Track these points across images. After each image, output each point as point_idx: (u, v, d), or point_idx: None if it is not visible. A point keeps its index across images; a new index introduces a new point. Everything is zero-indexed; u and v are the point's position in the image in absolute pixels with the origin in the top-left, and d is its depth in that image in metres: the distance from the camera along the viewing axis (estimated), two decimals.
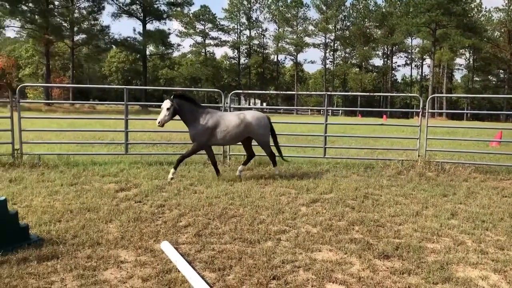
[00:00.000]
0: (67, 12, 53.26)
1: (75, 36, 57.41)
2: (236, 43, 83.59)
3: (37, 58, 64.15)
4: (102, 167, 9.53)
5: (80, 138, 14.60)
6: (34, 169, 9.10)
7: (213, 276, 4.28)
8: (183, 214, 6.30)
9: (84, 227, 5.59)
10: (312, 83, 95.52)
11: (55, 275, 4.23)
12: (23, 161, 9.55)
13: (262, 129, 8.94)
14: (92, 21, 58.79)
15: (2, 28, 51.09)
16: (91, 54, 64.74)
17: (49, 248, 4.87)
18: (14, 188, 7.59)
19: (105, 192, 7.44)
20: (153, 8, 63.42)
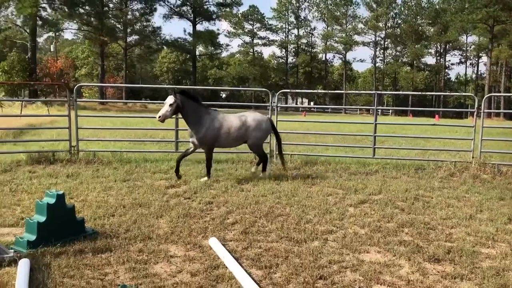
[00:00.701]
0: (121, 14, 55.16)
1: (128, 37, 59.38)
2: (284, 42, 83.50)
3: (93, 58, 66.78)
4: (153, 164, 9.82)
5: (133, 136, 15.09)
6: (89, 165, 9.51)
7: (259, 274, 4.33)
8: (231, 212, 6.38)
9: (136, 222, 5.79)
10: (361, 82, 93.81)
11: (108, 267, 4.41)
12: (79, 157, 9.99)
13: (258, 132, 8.67)
14: (144, 23, 60.52)
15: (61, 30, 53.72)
16: (143, 55, 66.73)
17: (103, 241, 5.08)
18: (71, 183, 7.97)
19: (156, 188, 7.67)
20: (203, 9, 64.48)
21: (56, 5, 47.38)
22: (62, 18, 49.06)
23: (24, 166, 9.35)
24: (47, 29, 51.57)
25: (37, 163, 9.53)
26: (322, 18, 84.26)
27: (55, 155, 9.92)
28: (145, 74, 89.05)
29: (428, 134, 16.71)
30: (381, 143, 14.29)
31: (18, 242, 4.82)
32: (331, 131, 16.59)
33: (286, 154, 10.82)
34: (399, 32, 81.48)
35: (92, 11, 49.35)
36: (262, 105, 28.27)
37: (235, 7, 71.32)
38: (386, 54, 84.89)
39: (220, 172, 9.30)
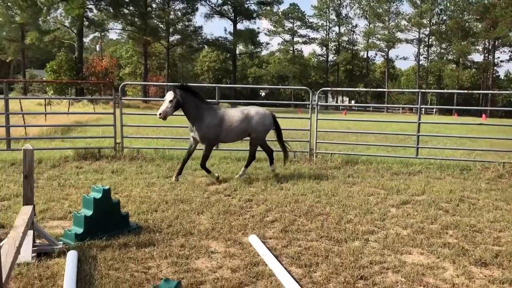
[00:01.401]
0: (164, 14, 56.28)
1: (170, 37, 60.55)
2: (325, 40, 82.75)
3: (136, 58, 68.43)
4: (194, 161, 9.95)
5: (174, 133, 15.35)
6: (133, 162, 9.77)
7: (299, 272, 4.32)
8: (270, 210, 6.40)
9: (178, 218, 5.91)
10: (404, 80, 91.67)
11: (151, 261, 4.53)
12: (124, 154, 10.27)
13: (261, 127, 8.50)
14: (186, 22, 61.56)
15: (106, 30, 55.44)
16: (185, 54, 67.82)
17: (147, 235, 5.22)
18: (116, 178, 8.21)
19: (197, 185, 7.79)
20: (244, 8, 64.84)
21: (102, 6, 48.93)
22: (108, 19, 50.66)
23: (72, 162, 9.70)
24: (93, 29, 53.41)
25: (84, 159, 9.87)
26: (364, 15, 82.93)
27: (100, 151, 10.25)
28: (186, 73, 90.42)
29: (474, 134, 16.14)
30: (424, 143, 13.93)
31: (66, 235, 5.02)
32: (373, 130, 16.32)
33: (326, 153, 10.75)
34: (444, 28, 79.02)
35: (136, 12, 50.63)
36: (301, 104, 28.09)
37: (275, 5, 71.28)
38: (430, 51, 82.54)
39: (259, 170, 9.34)
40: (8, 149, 10.06)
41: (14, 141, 10.76)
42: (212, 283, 4.03)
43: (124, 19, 50.71)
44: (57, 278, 4.03)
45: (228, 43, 64.91)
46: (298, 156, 10.56)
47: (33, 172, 4.66)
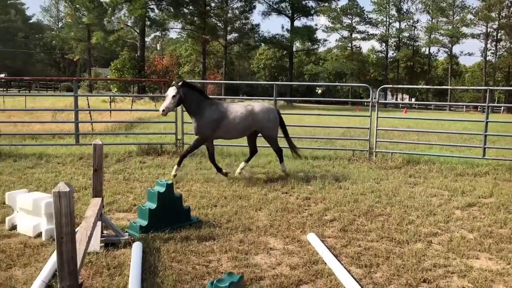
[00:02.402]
0: (222, 12, 57.07)
1: (228, 35, 61.26)
2: (384, 36, 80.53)
3: (195, 56, 69.87)
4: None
5: None
6: (193, 158, 9.99)
7: (359, 272, 4.26)
8: (328, 209, 6.35)
9: (237, 213, 5.99)
10: (468, 77, 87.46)
11: (212, 255, 4.63)
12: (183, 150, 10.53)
13: (270, 123, 8.29)
14: (244, 20, 62.01)
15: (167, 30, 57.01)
16: (242, 52, 68.40)
17: (207, 229, 5.34)
18: (177, 173, 8.44)
19: (255, 182, 7.86)
20: (301, 5, 64.39)
21: (163, 6, 50.35)
22: (168, 18, 52.05)
23: (135, 156, 10.09)
24: (155, 28, 55.05)
25: (147, 154, 10.23)
26: (426, 10, 79.77)
27: (162, 147, 10.58)
28: (243, 71, 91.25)
29: None
30: (491, 143, 13.24)
31: (131, 226, 5.24)
32: (435, 129, 15.73)
33: (386, 152, 10.48)
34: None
35: (195, 11, 51.70)
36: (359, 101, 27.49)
37: (334, 1, 70.25)
38: (499, 46, 78.01)
39: (317, 168, 9.28)
40: (76, 143, 10.62)
41: (81, 136, 11.34)
42: (272, 279, 4.06)
43: (184, 18, 51.90)
44: (123, 268, 4.21)
45: (285, 40, 64.73)
46: (357, 155, 10.37)
47: (102, 166, 4.91)
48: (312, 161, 9.94)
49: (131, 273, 3.97)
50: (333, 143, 12.69)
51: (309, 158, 10.24)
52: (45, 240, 4.90)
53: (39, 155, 9.77)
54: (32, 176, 7.94)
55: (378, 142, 10.65)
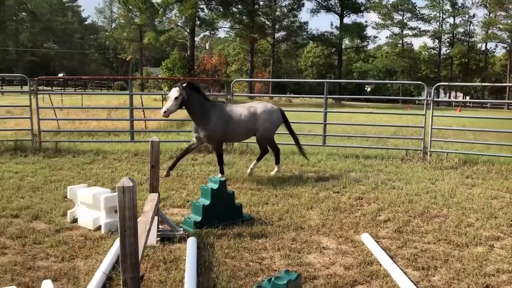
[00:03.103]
0: (270, 11, 57.23)
1: (276, 34, 61.37)
2: (437, 32, 77.83)
3: (242, 55, 70.43)
4: (301, 157, 9.97)
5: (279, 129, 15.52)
6: (242, 156, 10.08)
7: (416, 275, 4.14)
8: (382, 209, 6.22)
9: (288, 212, 5.98)
10: None
11: (265, 252, 4.65)
12: (234, 147, 10.64)
13: (268, 124, 7.93)
14: (292, 18, 61.87)
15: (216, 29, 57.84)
16: (289, 50, 68.28)
17: (259, 227, 5.36)
18: (227, 171, 8.54)
19: (305, 180, 7.82)
20: (351, 2, 63.34)
21: (212, 6, 51.11)
22: (217, 18, 52.81)
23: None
24: (204, 28, 56.05)
25: (198, 151, 10.40)
26: (483, 4, 76.29)
27: None
28: (290, 69, 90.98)
29: None
30: None
31: (186, 222, 5.35)
32: (493, 128, 15.03)
33: (441, 152, 10.14)
34: None
35: (244, 10, 52.14)
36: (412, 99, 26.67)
37: None
38: None
39: (368, 168, 9.11)
40: (131, 140, 10.97)
41: (136, 134, 11.70)
42: (326, 279, 4.02)
43: (233, 17, 52.47)
44: (179, 262, 4.30)
45: (334, 37, 63.98)
46: (411, 154, 10.09)
47: (158, 162, 5.03)
48: (364, 160, 9.77)
49: (186, 267, 4.05)
50: (385, 142, 12.42)
51: (360, 157, 10.07)
52: (104, 233, 5.09)
53: (96, 151, 10.16)
54: (90, 172, 8.27)
55: (433, 142, 10.30)
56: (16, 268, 4.12)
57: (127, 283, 2.86)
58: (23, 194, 6.58)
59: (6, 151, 9.78)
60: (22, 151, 9.78)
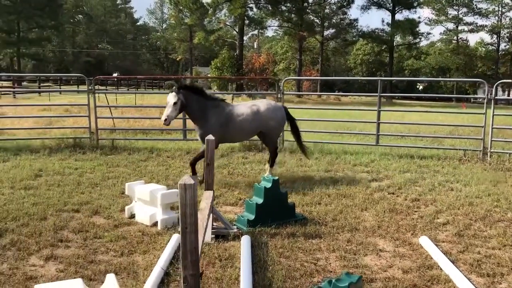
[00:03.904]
0: (319, 8, 56.63)
1: (325, 31, 60.65)
2: (496, 27, 74.20)
3: (290, 53, 70.19)
4: (353, 156, 9.83)
5: (329, 127, 15.35)
6: (293, 155, 10.02)
7: (481, 281, 3.96)
8: (440, 211, 5.99)
9: (342, 212, 5.88)
10: None
11: (319, 253, 4.59)
12: (284, 146, 10.60)
13: (274, 122, 7.57)
14: (341, 15, 60.95)
15: (265, 28, 57.92)
16: (338, 48, 67.33)
17: (312, 227, 5.31)
18: (278, 170, 8.51)
19: (358, 181, 7.66)
20: None
21: (261, 4, 51.24)
22: (266, 16, 52.90)
23: (237, 152, 10.35)
24: (253, 27, 56.13)
25: (248, 150, 10.45)
26: None
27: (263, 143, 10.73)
28: (339, 67, 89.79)
29: None
30: None
31: (239, 220, 5.37)
32: None
33: (503, 153, 9.66)
34: None
35: (293, 8, 51.92)
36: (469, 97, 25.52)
37: None
38: None
39: (424, 168, 8.80)
40: (184, 139, 11.18)
41: (188, 132, 11.89)
42: (384, 282, 3.92)
43: (281, 15, 52.37)
44: (234, 260, 4.33)
45: (385, 34, 62.43)
46: (469, 155, 9.67)
47: (213, 161, 5.08)
48: (419, 160, 9.46)
49: (242, 265, 4.06)
50: (441, 142, 11.98)
51: (415, 157, 9.76)
52: (160, 229, 5.21)
53: (150, 149, 10.42)
54: (145, 169, 8.49)
55: (493, 142, 9.82)
56: (79, 261, 4.28)
57: (187, 279, 2.90)
58: (83, 189, 6.85)
59: (66, 148, 10.21)
60: (80, 148, 10.18)
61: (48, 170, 8.16)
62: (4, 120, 13.39)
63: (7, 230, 5.05)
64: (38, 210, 5.75)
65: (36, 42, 60.94)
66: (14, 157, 9.31)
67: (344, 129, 14.86)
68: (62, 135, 11.25)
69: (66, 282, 3.06)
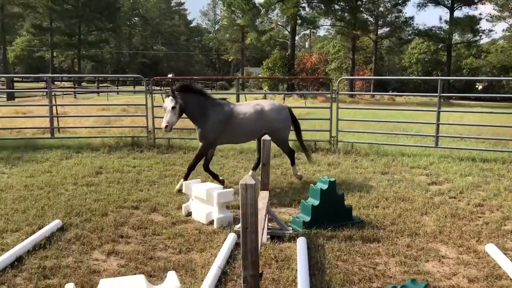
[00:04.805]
0: (373, 6, 55.43)
1: (379, 30, 59.29)
2: None
3: (342, 53, 69.22)
4: (411, 158, 9.52)
5: (384, 128, 14.96)
6: (347, 156, 9.83)
7: None
8: (508, 218, 5.67)
9: (401, 216, 5.69)
10: None
11: (378, 257, 4.46)
12: (338, 147, 10.43)
13: (280, 123, 7.26)
14: (396, 13, 59.36)
15: (317, 27, 57.37)
16: (393, 47, 65.64)
17: (370, 231, 5.17)
18: (332, 171, 8.40)
19: (417, 184, 7.40)
20: None
21: (314, 4, 50.78)
22: (319, 16, 52.38)
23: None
24: (305, 26, 55.74)
25: (301, 150, 10.33)
26: None
27: (316, 144, 10.62)
28: (393, 66, 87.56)
29: None
30: None
31: (294, 221, 5.33)
32: None
33: None
34: None
35: (346, 7, 51.12)
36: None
37: None
38: None
39: (488, 172, 8.38)
40: None
41: None
42: None
43: (334, 14, 51.70)
44: (290, 262, 4.29)
45: (443, 32, 60.14)
46: None
47: (269, 161, 5.06)
48: (481, 163, 9.01)
49: (299, 267, 4.01)
50: (505, 145, 11.37)
51: (477, 160, 9.31)
52: (216, 228, 5.25)
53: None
54: (200, 168, 8.59)
55: None
56: (139, 257, 4.39)
57: (247, 280, 2.89)
58: (141, 187, 7.04)
59: (124, 146, 10.54)
60: (138, 147, 10.48)
61: (108, 167, 8.46)
62: (66, 119, 14.06)
63: (71, 224, 5.27)
64: (100, 206, 5.96)
65: (95, 44, 63.68)
66: (76, 154, 9.73)
67: (399, 130, 14.44)
68: (120, 134, 11.63)
69: (129, 277, 3.14)
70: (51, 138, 11.23)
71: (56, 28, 58.15)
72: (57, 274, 4.01)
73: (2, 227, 5.11)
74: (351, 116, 18.14)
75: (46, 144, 10.72)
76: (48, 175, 7.80)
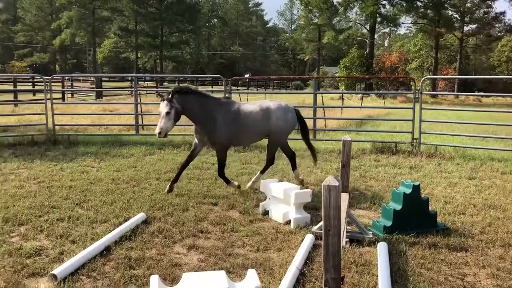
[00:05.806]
0: (459, 2, 52.51)
1: (465, 27, 56.06)
2: None
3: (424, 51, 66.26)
4: (501, 163, 8.88)
5: (470, 131, 14.08)
6: (431, 159, 9.38)
7: None
8: None
9: (491, 225, 5.32)
10: None
11: (466, 268, 4.19)
12: (421, 150, 9.97)
13: (282, 122, 6.82)
14: (485, 9, 55.76)
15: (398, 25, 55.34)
16: (481, 44, 61.76)
17: (457, 239, 4.87)
18: (415, 175, 8.04)
19: (509, 191, 6.89)
20: None
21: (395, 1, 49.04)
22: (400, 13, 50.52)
23: (369, 154, 10.00)
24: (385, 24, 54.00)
25: (380, 152, 10.03)
26: None
27: (397, 146, 10.22)
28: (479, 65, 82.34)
29: None
30: None
31: (375, 225, 5.15)
32: None
33: None
34: None
35: (429, 3, 48.88)
36: None
37: None
38: None
39: None
40: (313, 139, 11.12)
41: (317, 132, 11.86)
42: None
43: (416, 12, 49.66)
44: (371, 267, 4.15)
45: None
46: None
47: (349, 162, 4.94)
48: None
49: (380, 273, 3.87)
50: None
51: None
52: (293, 228, 5.22)
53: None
54: (276, 167, 8.61)
55: None
56: (218, 253, 4.47)
57: (328, 283, 2.83)
58: (219, 184, 7.17)
59: None
60: None
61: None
62: (150, 116, 14.71)
63: (154, 218, 5.49)
64: (181, 201, 6.16)
65: (176, 45, 66.30)
66: (159, 151, 10.15)
67: (488, 133, 13.52)
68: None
69: (210, 273, 3.19)
70: (136, 135, 11.83)
71: (140, 30, 61.44)
72: (141, 265, 4.18)
73: (92, 218, 5.44)
74: (433, 117, 17.31)
75: (131, 140, 11.29)
76: (133, 169, 8.20)
